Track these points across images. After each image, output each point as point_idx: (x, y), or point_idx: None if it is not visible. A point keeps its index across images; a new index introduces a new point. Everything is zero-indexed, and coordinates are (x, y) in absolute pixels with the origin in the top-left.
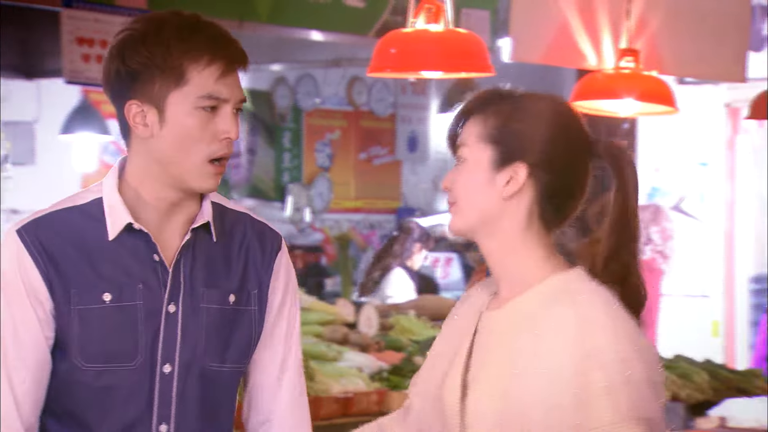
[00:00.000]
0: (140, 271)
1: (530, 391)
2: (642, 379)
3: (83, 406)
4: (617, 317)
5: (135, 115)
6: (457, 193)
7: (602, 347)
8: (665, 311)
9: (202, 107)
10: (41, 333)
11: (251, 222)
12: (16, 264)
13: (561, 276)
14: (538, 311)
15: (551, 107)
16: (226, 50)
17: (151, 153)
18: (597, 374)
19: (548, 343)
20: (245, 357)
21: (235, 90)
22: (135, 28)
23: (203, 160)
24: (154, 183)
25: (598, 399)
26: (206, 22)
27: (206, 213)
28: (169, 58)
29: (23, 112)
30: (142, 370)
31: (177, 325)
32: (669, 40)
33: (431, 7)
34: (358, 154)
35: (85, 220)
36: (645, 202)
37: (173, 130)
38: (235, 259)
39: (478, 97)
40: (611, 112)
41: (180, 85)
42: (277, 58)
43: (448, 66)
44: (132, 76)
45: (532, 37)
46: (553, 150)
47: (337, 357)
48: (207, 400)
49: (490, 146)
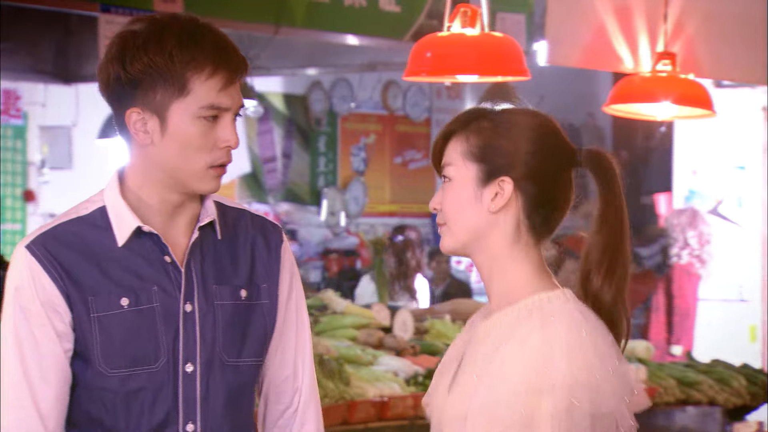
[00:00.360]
0: (153, 273)
1: (477, 400)
2: (584, 411)
3: (111, 413)
4: (581, 344)
5: (135, 122)
6: (447, 212)
7: (555, 372)
8: (703, 316)
9: (203, 117)
10: (60, 347)
11: (251, 217)
12: (30, 279)
13: (543, 295)
14: (509, 327)
15: (531, 121)
16: (228, 60)
17: (151, 158)
18: (546, 398)
19: (507, 359)
20: (262, 350)
21: (236, 98)
22: (135, 30)
23: (204, 167)
24: (156, 186)
25: (541, 422)
26: (206, 28)
27: (210, 211)
28: (172, 67)
29: (61, 116)
30: (166, 371)
31: (195, 323)
32: (706, 44)
33: (467, 11)
34: (393, 158)
35: (90, 229)
36: (682, 205)
37: (175, 138)
38: (241, 255)
39: (458, 117)
40: (648, 116)
41: (182, 95)
42: (312, 63)
43: (483, 70)
44: (133, 84)
45: (568, 41)
46: (535, 162)
47: (373, 361)
48: (230, 396)
49: (475, 164)
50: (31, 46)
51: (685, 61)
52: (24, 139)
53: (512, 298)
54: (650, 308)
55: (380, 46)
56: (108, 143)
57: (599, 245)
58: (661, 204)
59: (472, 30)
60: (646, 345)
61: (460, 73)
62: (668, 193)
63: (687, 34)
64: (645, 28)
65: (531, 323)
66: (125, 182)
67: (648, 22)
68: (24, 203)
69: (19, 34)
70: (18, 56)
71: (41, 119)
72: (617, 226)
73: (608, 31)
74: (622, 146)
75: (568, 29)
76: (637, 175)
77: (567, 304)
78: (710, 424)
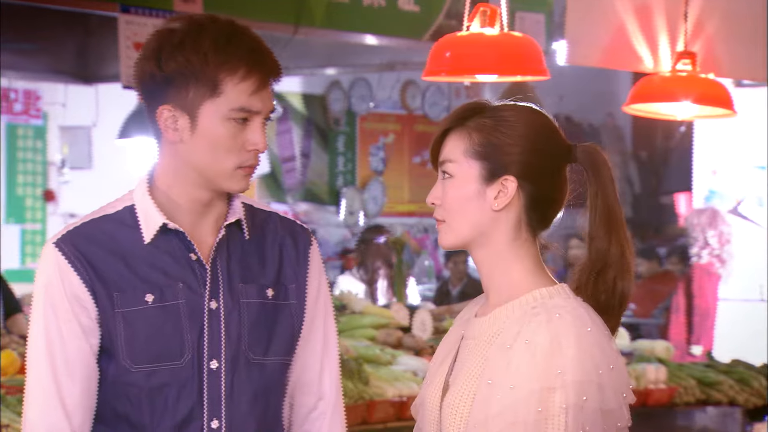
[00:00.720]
0: (179, 270)
1: (495, 403)
2: (594, 407)
3: (136, 408)
4: (588, 341)
5: (166, 119)
6: (448, 208)
7: (567, 369)
8: (723, 316)
9: (234, 119)
10: (86, 342)
11: (280, 219)
12: (58, 275)
13: (544, 291)
14: (514, 324)
15: (531, 118)
16: (262, 64)
17: (181, 156)
18: (559, 394)
19: (518, 358)
20: (290, 350)
21: (267, 102)
22: (173, 29)
23: (232, 168)
24: (185, 184)
25: (555, 418)
26: (243, 31)
27: (237, 210)
28: (206, 68)
29: (81, 116)
30: (190, 368)
31: (220, 321)
32: (726, 43)
33: (486, 11)
34: (411, 157)
35: (118, 227)
36: (702, 205)
37: (204, 138)
38: (269, 255)
39: (456, 112)
40: (668, 115)
41: (214, 95)
42: (331, 62)
43: (503, 69)
44: (167, 81)
45: (587, 40)
46: (537, 161)
47: (392, 361)
48: (256, 394)
49: (478, 162)
50: (51, 47)
51: (705, 60)
52: (44, 139)
53: (513, 293)
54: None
55: (399, 46)
56: (128, 143)
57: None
58: (681, 204)
59: (492, 30)
60: (666, 345)
61: (479, 72)
62: (688, 192)
63: (707, 33)
64: (665, 27)
65: (536, 320)
66: (154, 182)
67: (668, 21)
68: (44, 203)
69: (39, 34)
70: (38, 56)
71: (61, 119)
72: (621, 225)
73: (628, 30)
74: (642, 146)
75: (588, 29)
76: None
77: (569, 300)
78: (730, 425)
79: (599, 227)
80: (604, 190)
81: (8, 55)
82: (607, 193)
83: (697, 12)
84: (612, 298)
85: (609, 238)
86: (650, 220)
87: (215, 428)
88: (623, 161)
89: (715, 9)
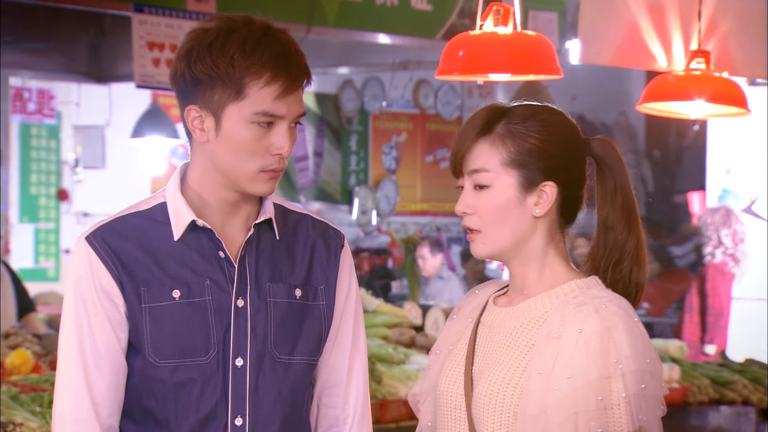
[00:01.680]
0: (207, 267)
1: (553, 394)
2: (652, 394)
3: (161, 404)
4: (635, 330)
5: (194, 119)
6: (486, 218)
7: (623, 358)
8: (736, 315)
9: (257, 122)
10: (115, 337)
11: (313, 221)
12: (88, 269)
13: (580, 282)
14: (556, 313)
15: (554, 119)
16: (288, 70)
17: (208, 156)
18: (618, 383)
19: (570, 348)
20: (316, 351)
21: (293, 107)
22: (205, 29)
23: (255, 171)
24: (213, 184)
25: (618, 407)
26: (275, 35)
27: (268, 210)
28: (232, 71)
29: (94, 116)
30: (215, 364)
31: (246, 318)
32: (740, 41)
33: (500, 10)
34: (424, 156)
35: (149, 223)
36: (716, 204)
37: (228, 140)
38: (299, 256)
39: (480, 119)
40: (682, 114)
41: (238, 98)
42: (344, 61)
43: (516, 68)
44: (195, 82)
45: (601, 39)
46: (567, 162)
47: (404, 360)
48: (281, 393)
49: (516, 170)
50: (65, 46)
51: (719, 59)
52: (58, 138)
53: (548, 285)
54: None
55: (412, 45)
56: (141, 143)
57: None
58: (694, 202)
59: (505, 28)
60: (679, 344)
61: (492, 71)
62: (702, 191)
63: (721, 32)
64: (678, 26)
65: (584, 309)
66: (186, 180)
67: (681, 19)
68: (57, 202)
69: (53, 34)
70: (52, 56)
71: (75, 119)
72: (637, 217)
73: (641, 29)
74: (656, 145)
75: (601, 27)
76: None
77: (606, 291)
78: (744, 424)
79: (619, 219)
80: (622, 183)
81: (22, 55)
82: (625, 185)
83: (710, 10)
84: (628, 288)
85: (628, 230)
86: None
87: (239, 425)
88: (636, 160)
89: (729, 7)
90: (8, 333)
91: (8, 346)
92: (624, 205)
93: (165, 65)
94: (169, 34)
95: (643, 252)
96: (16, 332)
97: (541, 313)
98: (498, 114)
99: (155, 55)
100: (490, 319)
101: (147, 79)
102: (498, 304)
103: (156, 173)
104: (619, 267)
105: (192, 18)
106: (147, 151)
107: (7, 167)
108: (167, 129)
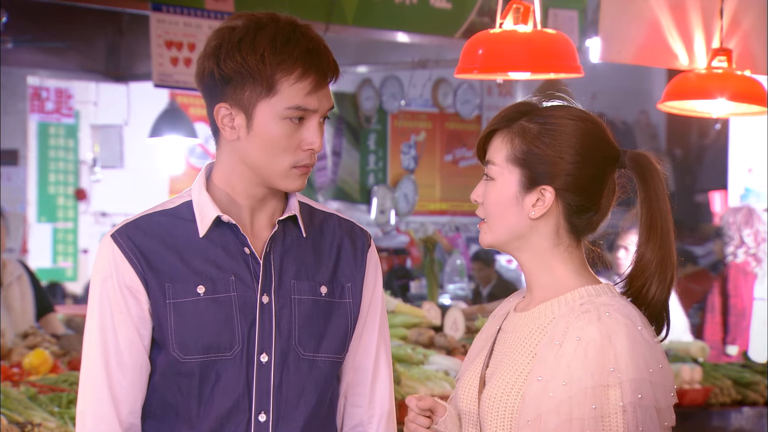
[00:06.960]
0: (232, 264)
1: (548, 400)
2: (649, 404)
3: (185, 399)
4: (638, 339)
5: (223, 117)
6: (488, 209)
7: (621, 367)
8: (759, 315)
9: (289, 118)
10: (137, 334)
11: (339, 220)
12: (113, 267)
13: (590, 288)
14: (561, 319)
15: (578, 127)
16: (318, 65)
17: (238, 153)
18: (616, 391)
19: (569, 355)
20: (342, 348)
21: (324, 101)
22: (233, 27)
23: (287, 167)
24: (242, 181)
25: (612, 416)
26: (302, 31)
27: (293, 207)
28: (263, 68)
29: (112, 115)
30: (240, 360)
31: (272, 315)
32: (762, 40)
33: (519, 8)
34: (443, 156)
35: (174, 221)
36: (738, 203)
37: (260, 136)
38: (326, 254)
39: (503, 113)
40: (703, 113)
41: (270, 95)
42: (362, 60)
43: (536, 67)
44: (224, 80)
45: (621, 37)
46: (578, 172)
47: (423, 360)
48: (305, 390)
49: (518, 168)
50: (83, 45)
51: (740, 57)
52: (76, 137)
53: (558, 290)
54: (705, 308)
55: (431, 44)
56: (159, 142)
57: (650, 257)
58: (716, 202)
59: (525, 27)
60: (701, 345)
61: (512, 70)
62: (723, 191)
63: (743, 30)
64: (700, 24)
65: (586, 317)
66: (212, 178)
67: (703, 18)
68: (75, 201)
69: (71, 33)
70: (70, 55)
71: (93, 118)
72: (664, 234)
73: (662, 27)
74: (677, 144)
75: (622, 25)
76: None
77: (616, 299)
78: (766, 426)
79: (641, 234)
80: (649, 198)
81: (40, 54)
82: (651, 201)
83: (732, 8)
84: (650, 308)
85: (647, 246)
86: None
87: (263, 421)
88: None
89: (751, 5)
90: (27, 333)
91: (27, 346)
92: (647, 221)
93: (183, 64)
94: (188, 33)
95: (665, 271)
96: (35, 332)
97: (549, 320)
98: (522, 111)
99: (173, 54)
100: (509, 324)
101: (165, 78)
102: (517, 309)
103: (174, 173)
104: (638, 283)
105: (210, 17)
106: (165, 151)
107: (26, 167)
108: (185, 128)
